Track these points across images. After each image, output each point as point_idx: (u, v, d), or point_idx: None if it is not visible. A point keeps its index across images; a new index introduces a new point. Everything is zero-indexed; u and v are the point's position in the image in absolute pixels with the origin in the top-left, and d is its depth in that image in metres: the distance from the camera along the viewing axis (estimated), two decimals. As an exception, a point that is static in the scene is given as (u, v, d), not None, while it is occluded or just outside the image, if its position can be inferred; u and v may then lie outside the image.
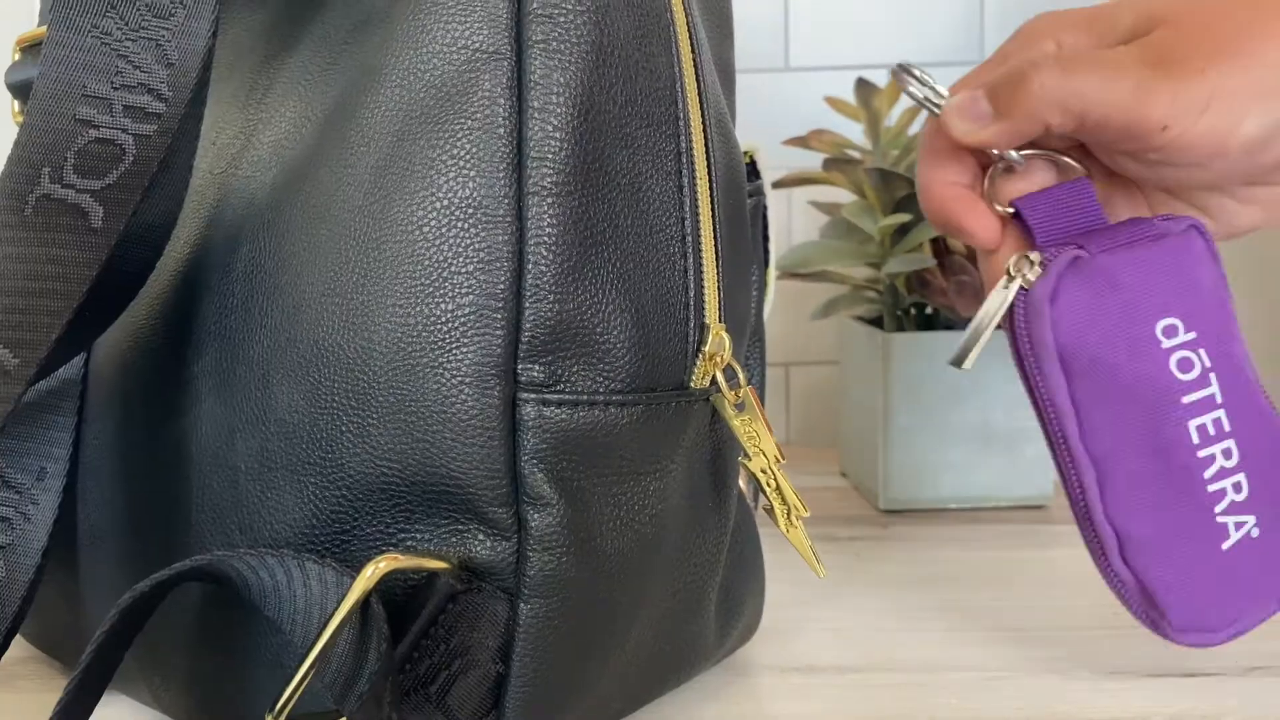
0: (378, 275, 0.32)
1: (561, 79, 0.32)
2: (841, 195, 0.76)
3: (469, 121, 0.32)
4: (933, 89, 0.42)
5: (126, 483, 0.39)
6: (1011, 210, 0.42)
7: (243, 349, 0.35)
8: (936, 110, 0.42)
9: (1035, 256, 0.39)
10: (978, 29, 0.90)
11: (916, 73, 0.42)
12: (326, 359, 0.33)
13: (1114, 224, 0.41)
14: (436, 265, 0.32)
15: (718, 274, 0.36)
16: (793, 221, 0.91)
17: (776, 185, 0.72)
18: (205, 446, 0.36)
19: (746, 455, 0.36)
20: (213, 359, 0.36)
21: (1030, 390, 0.40)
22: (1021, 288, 0.39)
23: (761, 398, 0.47)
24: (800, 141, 0.75)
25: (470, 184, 0.32)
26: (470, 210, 0.32)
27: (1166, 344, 0.38)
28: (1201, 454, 0.38)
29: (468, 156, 0.32)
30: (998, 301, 0.40)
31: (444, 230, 0.32)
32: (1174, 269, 0.39)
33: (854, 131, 0.75)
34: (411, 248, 0.32)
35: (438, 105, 0.32)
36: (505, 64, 0.32)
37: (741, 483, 0.41)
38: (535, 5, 0.32)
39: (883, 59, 0.90)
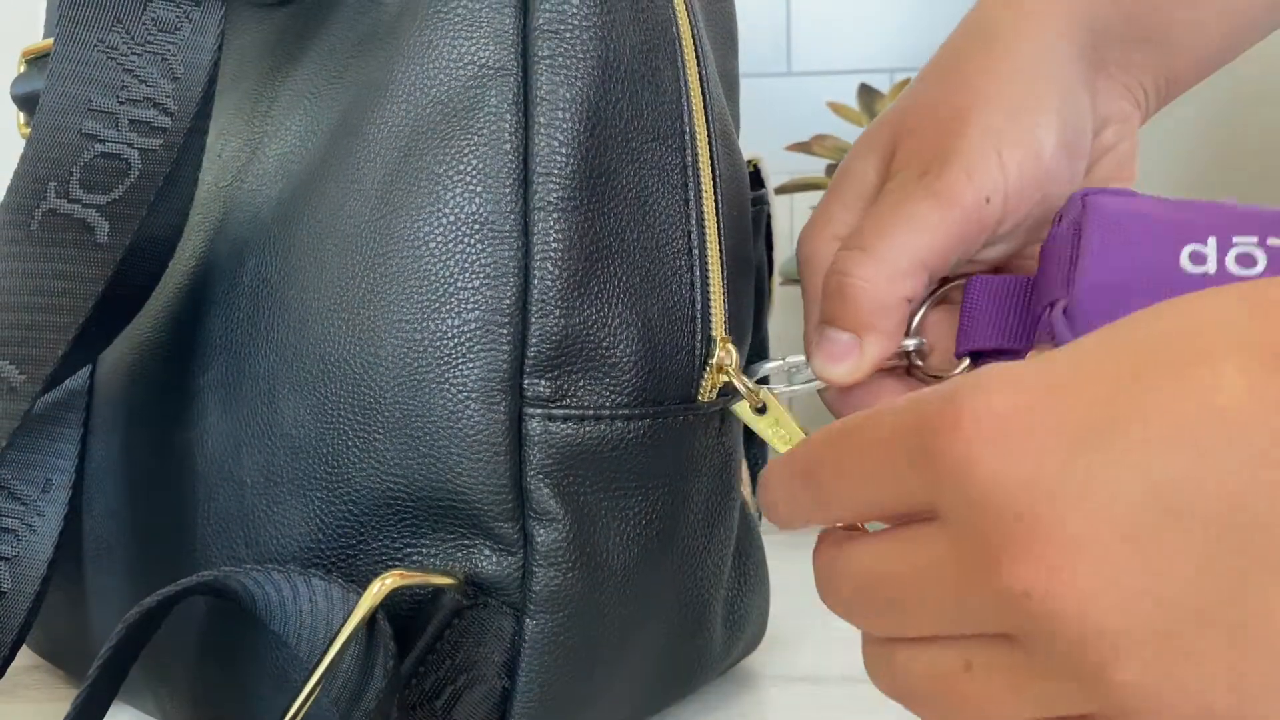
0: (384, 290, 0.32)
1: (568, 94, 0.32)
2: (844, 200, 0.76)
3: (475, 137, 0.32)
4: (789, 381, 0.37)
5: (132, 495, 0.39)
6: (966, 362, 0.37)
7: (249, 363, 0.35)
8: (811, 380, 0.37)
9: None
10: (980, 33, 0.90)
11: (766, 373, 0.37)
12: (332, 374, 0.33)
13: (1041, 263, 0.36)
14: (443, 280, 0.32)
15: (724, 287, 0.36)
16: (794, 227, 0.91)
17: (778, 191, 0.72)
18: (211, 460, 0.36)
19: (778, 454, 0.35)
20: (219, 372, 0.36)
21: None
22: None
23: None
24: (802, 147, 0.75)
25: (476, 199, 0.32)
26: (476, 226, 0.32)
27: (1210, 267, 0.33)
28: None
29: (474, 172, 0.32)
30: None
31: (450, 245, 0.32)
32: (1127, 229, 0.34)
33: (856, 136, 0.75)
34: (418, 263, 0.32)
35: (444, 121, 0.32)
36: (511, 79, 0.32)
37: (745, 494, 0.41)
38: (541, 21, 0.32)
39: (885, 63, 0.90)
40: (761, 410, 0.35)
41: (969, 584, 0.24)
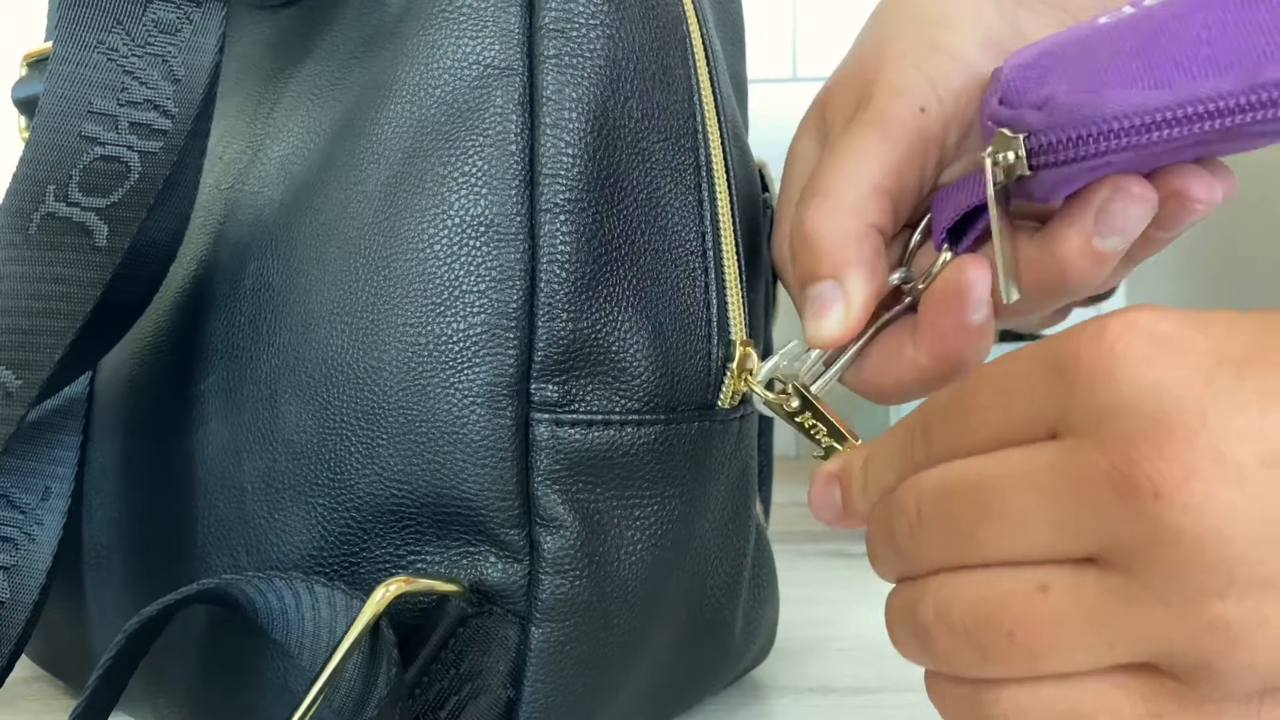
0: (388, 294, 0.32)
1: (575, 94, 0.32)
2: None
3: (480, 138, 0.32)
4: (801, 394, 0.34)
5: (132, 502, 0.38)
6: (946, 252, 0.35)
7: (250, 367, 0.35)
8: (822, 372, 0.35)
9: (996, 138, 0.32)
10: (987, 39, 0.89)
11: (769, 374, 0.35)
12: (335, 378, 0.32)
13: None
14: (448, 284, 0.31)
15: (741, 289, 0.35)
16: (801, 233, 0.90)
17: (786, 197, 0.71)
18: (212, 466, 0.35)
19: (823, 455, 0.34)
20: (220, 377, 0.35)
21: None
22: (1024, 137, 0.32)
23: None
24: (809, 153, 0.74)
25: (482, 201, 0.31)
26: (482, 228, 0.31)
27: (1131, 9, 0.33)
28: None
29: (479, 173, 0.32)
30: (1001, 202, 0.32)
31: (455, 248, 0.31)
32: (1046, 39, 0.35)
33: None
34: (422, 266, 0.32)
35: (449, 121, 0.32)
36: (517, 79, 0.32)
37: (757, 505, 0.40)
38: (548, 20, 0.32)
39: (891, 69, 0.89)
40: (795, 410, 0.34)
41: (1084, 486, 0.23)
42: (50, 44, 0.36)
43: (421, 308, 0.31)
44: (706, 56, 0.34)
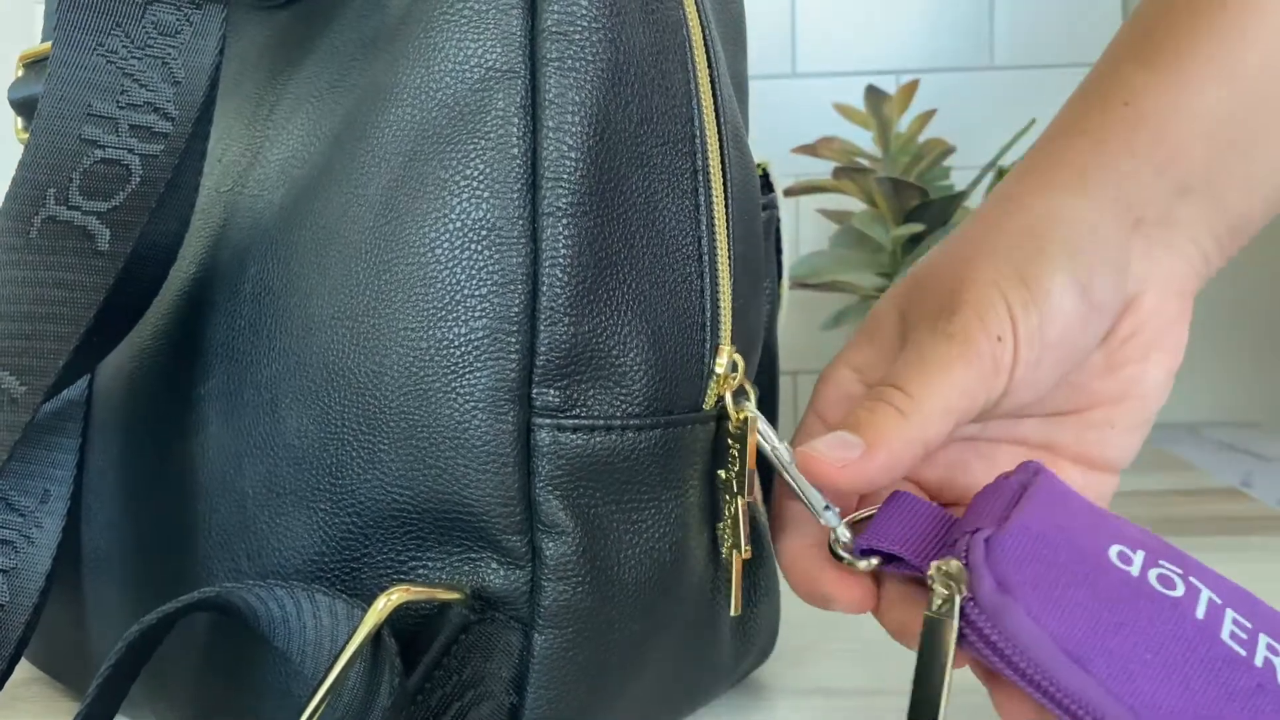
0: (389, 298, 0.32)
1: (576, 98, 0.31)
2: (850, 203, 0.76)
3: (482, 141, 0.31)
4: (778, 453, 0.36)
5: (132, 506, 0.38)
6: (865, 562, 0.36)
7: (251, 371, 0.34)
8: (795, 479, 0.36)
9: (953, 564, 0.32)
10: (987, 35, 0.89)
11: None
12: (336, 383, 0.32)
13: (971, 505, 0.36)
14: (449, 288, 0.31)
15: (730, 294, 0.35)
16: (800, 230, 0.90)
17: (785, 194, 0.71)
18: (212, 470, 0.35)
19: (724, 468, 0.35)
20: (220, 381, 0.35)
21: (1048, 699, 0.31)
22: (967, 598, 0.31)
23: (774, 412, 0.46)
24: (808, 149, 0.74)
25: (484, 205, 0.31)
26: (484, 232, 0.31)
27: (1134, 569, 0.33)
28: (1241, 652, 0.32)
29: (481, 177, 0.31)
30: (942, 634, 0.32)
31: (457, 252, 0.31)
32: (1070, 505, 0.35)
33: (863, 138, 0.75)
34: (424, 270, 0.31)
35: (450, 125, 0.32)
36: (519, 82, 0.31)
37: (756, 498, 0.40)
38: (550, 23, 0.31)
39: (891, 65, 0.89)
40: (737, 436, 0.35)
41: None
42: (48, 45, 0.36)
43: (423, 312, 0.31)
44: (708, 59, 0.34)
